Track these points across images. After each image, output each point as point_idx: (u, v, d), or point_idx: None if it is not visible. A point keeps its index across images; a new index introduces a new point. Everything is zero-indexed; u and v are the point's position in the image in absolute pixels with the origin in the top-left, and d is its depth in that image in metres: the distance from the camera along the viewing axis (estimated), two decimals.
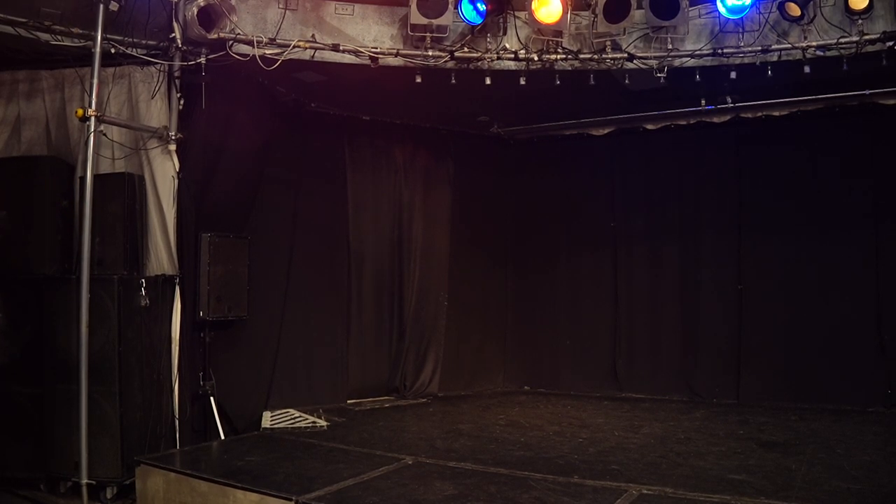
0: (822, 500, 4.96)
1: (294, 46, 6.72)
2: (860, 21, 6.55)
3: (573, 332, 9.32)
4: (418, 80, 6.96)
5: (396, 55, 6.92)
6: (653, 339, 9.06)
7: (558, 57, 7.01)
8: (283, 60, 6.67)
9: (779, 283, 8.55)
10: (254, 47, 6.62)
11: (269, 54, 6.65)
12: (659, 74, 7.05)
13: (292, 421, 7.41)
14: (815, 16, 6.68)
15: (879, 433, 7.02)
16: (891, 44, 6.50)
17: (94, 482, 5.93)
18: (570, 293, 9.42)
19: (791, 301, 8.48)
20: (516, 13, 7.02)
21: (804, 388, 8.25)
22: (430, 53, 6.90)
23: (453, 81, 7.03)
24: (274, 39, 6.68)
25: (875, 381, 8.02)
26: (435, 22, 6.72)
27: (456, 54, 6.91)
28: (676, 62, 7.03)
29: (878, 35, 6.51)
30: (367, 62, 6.89)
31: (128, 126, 6.65)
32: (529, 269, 9.56)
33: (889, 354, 8.01)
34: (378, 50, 6.91)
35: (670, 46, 6.96)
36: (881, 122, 8.10)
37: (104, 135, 6.27)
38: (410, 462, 5.96)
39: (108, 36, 6.21)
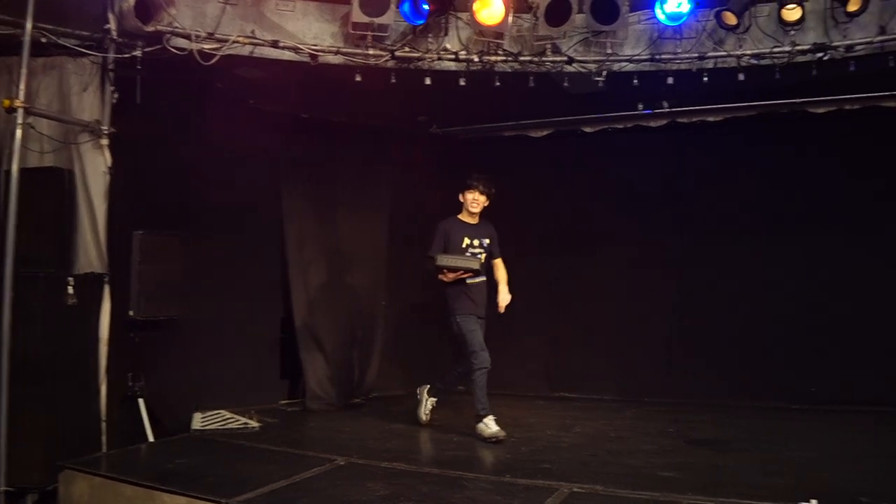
0: (749, 496, 5.06)
1: (233, 42, 6.64)
2: (792, 32, 6.74)
3: (507, 332, 9.31)
4: (358, 78, 6.91)
5: (337, 53, 6.88)
6: (586, 338, 9.16)
7: (499, 59, 7.04)
8: (221, 56, 6.58)
9: (710, 285, 8.74)
10: (192, 41, 6.52)
11: (208, 49, 6.56)
12: (598, 78, 7.13)
13: (223, 422, 7.30)
14: (750, 25, 6.84)
15: (803, 429, 7.31)
16: (821, 55, 6.71)
17: (13, 489, 5.73)
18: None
19: (721, 301, 8.67)
20: (458, 14, 7.03)
21: (733, 386, 8.45)
22: (371, 52, 6.87)
23: (393, 81, 7.01)
24: (213, 34, 6.58)
25: (800, 379, 8.28)
26: (377, 21, 6.69)
27: (397, 54, 6.90)
28: (615, 66, 7.11)
29: (809, 46, 6.71)
30: (307, 60, 6.84)
31: (58, 119, 6.50)
32: None
33: (812, 354, 8.27)
34: (318, 47, 6.86)
35: (609, 51, 7.04)
36: (810, 130, 8.34)
37: (32, 127, 6.12)
38: (342, 463, 5.92)
39: (39, 24, 6.06)
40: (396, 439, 6.89)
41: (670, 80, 7.16)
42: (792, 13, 6.61)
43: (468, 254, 7.05)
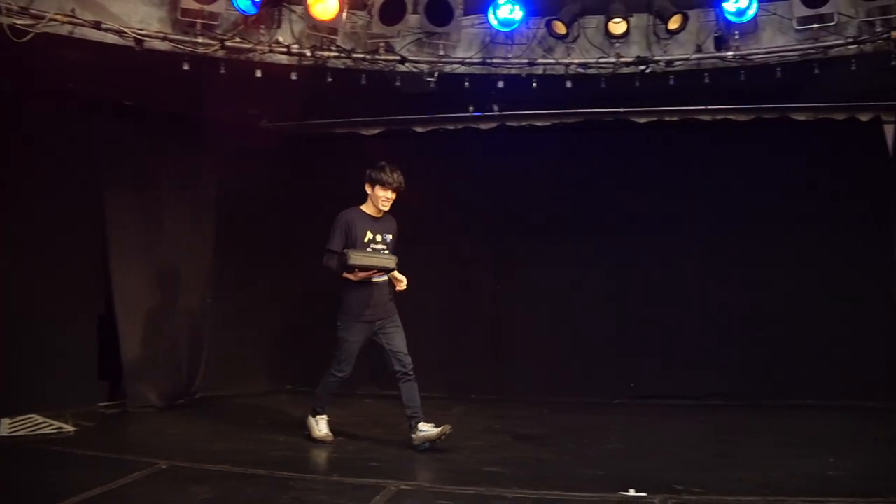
0: (572, 488, 5.28)
1: (50, 20, 6.21)
2: (618, 45, 7.10)
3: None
4: (186, 67, 6.66)
5: (164, 39, 6.56)
6: (415, 336, 9.14)
7: (331, 55, 6.97)
8: (36, 34, 6.16)
9: (534, 285, 9.04)
10: (2, 15, 6.06)
11: (21, 25, 6.07)
12: (430, 79, 7.21)
13: (35, 427, 6.81)
14: (578, 35, 7.14)
15: (623, 423, 7.68)
16: (643, 67, 7.08)
17: None
18: None
19: (543, 300, 9.02)
20: (292, 7, 6.91)
21: (557, 382, 8.79)
22: (201, 41, 6.61)
23: (223, 72, 6.81)
24: (27, 9, 6.09)
25: (620, 375, 8.73)
26: (207, 8, 6.46)
27: (227, 44, 6.67)
28: (447, 68, 7.22)
29: (633, 59, 7.09)
30: (132, 44, 6.49)
31: None
32: (297, 267, 9.40)
33: (630, 350, 8.75)
34: (144, 32, 6.52)
35: (442, 52, 7.13)
36: (634, 138, 8.85)
37: None
38: (165, 466, 5.67)
39: None
40: (222, 441, 6.70)
41: (501, 84, 7.35)
42: (618, 27, 6.95)
43: (369, 249, 6.56)
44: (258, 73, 6.89)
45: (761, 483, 5.40)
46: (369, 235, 6.58)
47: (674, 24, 6.84)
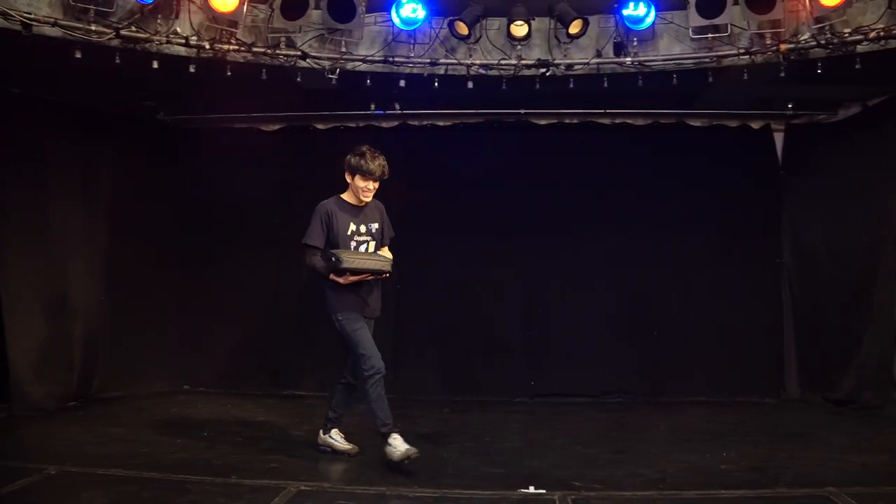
0: (472, 486, 5.34)
1: None
2: (519, 47, 7.18)
3: (237, 329, 9.13)
4: (78, 55, 6.40)
5: (54, 25, 6.24)
6: (315, 335, 9.12)
7: (231, 48, 6.81)
8: None
9: (434, 282, 9.06)
10: None
11: None
12: (331, 76, 7.13)
13: None
14: (480, 37, 7.19)
15: (523, 421, 7.75)
16: (544, 70, 7.18)
17: None
18: (234, 290, 9.19)
19: (445, 298, 9.05)
20: None
21: (457, 381, 8.84)
22: (94, 28, 6.35)
23: (118, 61, 6.57)
24: None
25: (520, 374, 8.84)
26: None
27: (122, 32, 6.43)
28: (349, 65, 7.17)
29: (534, 62, 7.18)
30: (19, 28, 6.20)
31: None
32: (195, 264, 9.19)
33: (530, 349, 8.91)
34: (33, 16, 6.20)
35: (344, 49, 7.08)
36: (533, 139, 8.98)
37: None
38: (54, 472, 5.43)
39: None
40: (116, 444, 6.46)
41: (403, 83, 7.35)
42: (519, 29, 7.03)
43: (353, 242, 5.97)
44: (155, 65, 6.68)
45: (657, 478, 5.56)
46: (352, 227, 6.03)
47: (574, 28, 6.95)
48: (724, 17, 6.74)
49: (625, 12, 6.88)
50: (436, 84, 7.34)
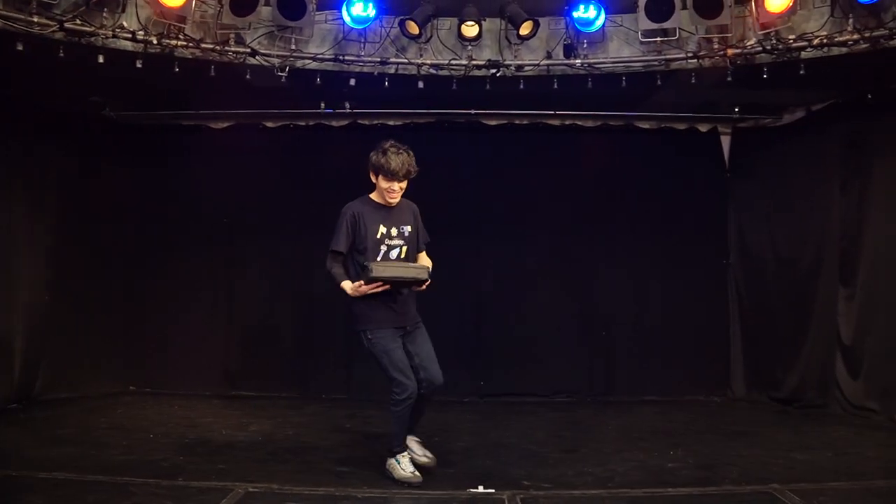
0: (421, 486, 5.37)
1: None
2: (470, 47, 7.18)
3: (185, 329, 9.01)
4: (20, 48, 6.22)
5: None
6: (267, 336, 9.07)
7: (179, 43, 6.71)
8: None
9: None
10: None
11: None
12: (280, 73, 7.07)
13: None
14: (431, 36, 7.19)
15: (474, 421, 7.78)
16: (494, 71, 7.20)
17: None
18: (184, 289, 9.08)
19: None
20: None
21: None
22: (37, 20, 6.17)
23: (62, 55, 6.43)
24: None
25: (470, 374, 8.84)
26: None
27: (66, 25, 6.27)
28: (299, 63, 7.12)
29: (485, 62, 7.20)
30: None
31: None
32: (142, 263, 9.05)
33: (480, 349, 8.96)
34: None
35: (294, 47, 7.02)
36: (484, 139, 9.01)
37: None
38: None
39: None
40: (60, 446, 6.32)
41: (353, 82, 7.32)
42: (470, 30, 7.04)
43: (384, 246, 5.42)
44: (101, 59, 6.55)
45: (606, 476, 5.62)
46: (382, 230, 5.47)
47: (525, 29, 6.98)
48: (672, 22, 6.81)
49: (575, 14, 6.92)
50: (386, 83, 7.33)
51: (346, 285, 5.37)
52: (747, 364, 8.89)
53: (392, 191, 5.46)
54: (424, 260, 5.72)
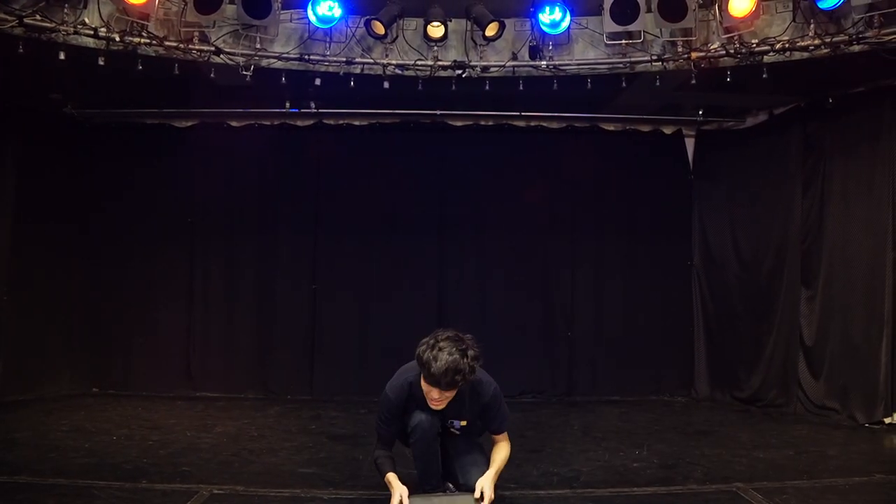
0: (385, 486, 5.23)
1: None
2: (436, 48, 7.19)
3: (147, 330, 8.91)
4: None
5: None
6: (229, 336, 9.00)
7: (142, 41, 6.63)
8: None
9: (350, 283, 9.04)
10: None
11: None
12: (245, 72, 7.01)
13: None
14: (397, 37, 7.18)
15: None
16: (460, 72, 7.20)
17: None
18: (145, 290, 8.97)
19: (361, 299, 9.05)
20: None
21: (373, 382, 8.71)
22: None
23: (21, 51, 6.33)
24: None
25: None
26: None
27: (26, 20, 6.18)
28: (264, 62, 7.07)
29: (450, 63, 7.20)
30: None
31: None
32: (103, 263, 8.93)
33: None
34: None
35: (259, 46, 6.97)
36: (449, 140, 9.04)
37: None
38: None
39: None
40: (18, 449, 6.21)
41: (318, 82, 7.29)
42: (436, 30, 7.05)
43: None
44: (61, 56, 6.45)
45: (571, 476, 5.64)
46: None
47: (491, 31, 6.99)
48: (637, 24, 6.86)
49: (541, 16, 6.94)
50: (352, 83, 7.30)
51: (390, 484, 4.55)
52: (711, 364, 8.98)
53: (433, 399, 4.42)
54: (501, 450, 4.72)
